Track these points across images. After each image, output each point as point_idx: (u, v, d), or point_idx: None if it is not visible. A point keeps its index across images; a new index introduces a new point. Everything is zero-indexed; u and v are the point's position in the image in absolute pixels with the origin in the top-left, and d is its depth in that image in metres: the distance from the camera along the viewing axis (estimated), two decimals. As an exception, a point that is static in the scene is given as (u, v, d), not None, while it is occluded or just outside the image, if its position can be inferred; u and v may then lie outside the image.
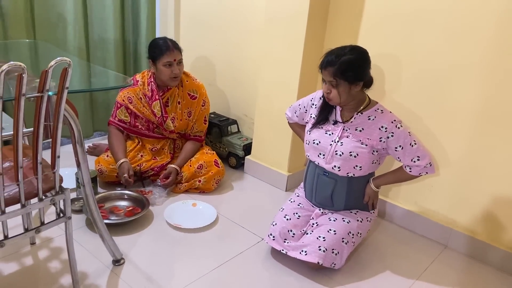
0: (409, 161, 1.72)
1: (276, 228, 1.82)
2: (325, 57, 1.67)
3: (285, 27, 2.19)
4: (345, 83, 1.64)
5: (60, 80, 1.22)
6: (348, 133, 1.76)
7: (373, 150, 1.74)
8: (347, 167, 1.76)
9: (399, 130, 1.70)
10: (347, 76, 1.63)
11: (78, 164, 1.51)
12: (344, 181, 1.81)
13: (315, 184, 1.88)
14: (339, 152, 1.76)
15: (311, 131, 1.86)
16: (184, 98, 2.34)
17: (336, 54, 1.64)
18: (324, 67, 1.66)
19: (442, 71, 1.90)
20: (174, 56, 2.17)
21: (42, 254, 1.75)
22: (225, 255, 1.84)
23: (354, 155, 1.74)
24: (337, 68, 1.62)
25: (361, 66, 1.66)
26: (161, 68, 2.19)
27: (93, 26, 2.76)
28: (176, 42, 2.25)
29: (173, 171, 2.25)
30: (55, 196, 1.39)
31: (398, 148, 1.72)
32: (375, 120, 1.73)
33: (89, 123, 2.90)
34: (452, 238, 2.02)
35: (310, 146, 1.86)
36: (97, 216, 1.60)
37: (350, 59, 1.63)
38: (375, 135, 1.72)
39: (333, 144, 1.77)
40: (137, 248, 1.84)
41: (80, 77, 1.53)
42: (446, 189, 2.02)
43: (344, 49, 1.65)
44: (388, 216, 2.23)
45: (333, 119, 1.81)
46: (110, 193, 2.14)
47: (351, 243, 1.76)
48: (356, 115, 1.76)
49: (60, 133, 1.31)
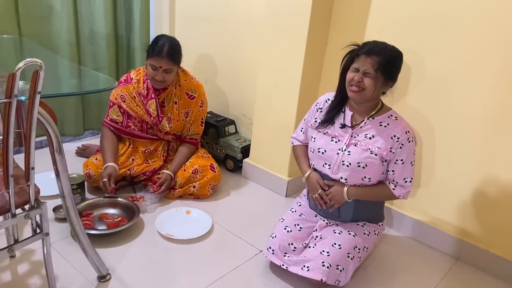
0: (401, 179, 1.62)
1: (276, 240, 1.68)
2: (367, 45, 1.52)
3: (287, 22, 2.04)
4: (381, 78, 1.51)
5: (31, 83, 1.08)
6: (356, 141, 1.62)
7: (383, 160, 1.60)
8: (355, 178, 1.62)
9: (409, 144, 1.58)
10: (387, 72, 1.50)
11: (57, 174, 1.37)
12: None
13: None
14: (346, 162, 1.61)
15: (315, 137, 1.71)
16: (181, 98, 2.19)
17: (380, 46, 1.51)
18: (367, 53, 1.50)
19: (454, 75, 1.76)
20: (161, 63, 2.01)
21: (22, 269, 1.61)
22: (220, 270, 1.70)
23: (362, 166, 1.60)
24: (382, 60, 1.48)
25: (399, 67, 1.55)
26: (148, 65, 2.07)
27: (83, 20, 2.60)
28: (176, 50, 2.06)
29: (167, 179, 2.11)
30: (30, 211, 1.25)
31: (399, 161, 1.59)
32: (388, 127, 1.59)
33: (80, 121, 2.76)
34: (464, 250, 1.89)
35: (314, 154, 1.71)
36: (79, 230, 1.46)
37: (393, 55, 1.52)
38: (387, 144, 1.58)
39: (340, 153, 1.63)
40: (125, 261, 1.70)
41: (60, 79, 1.38)
42: (458, 198, 1.88)
43: (386, 44, 1.54)
44: (395, 225, 2.09)
45: (341, 122, 1.67)
46: (99, 200, 2.00)
47: (357, 258, 1.62)
48: (366, 120, 1.61)
49: (33, 142, 1.17)
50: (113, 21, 2.70)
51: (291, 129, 2.18)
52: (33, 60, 1.01)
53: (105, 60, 2.75)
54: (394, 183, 1.63)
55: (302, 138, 1.85)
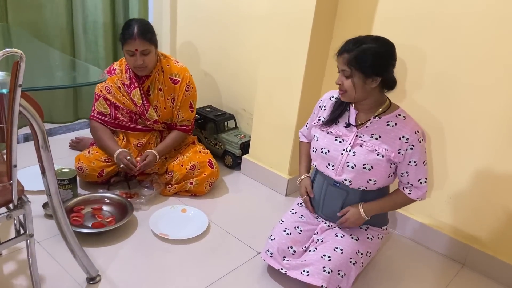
0: (416, 181, 1.53)
1: (274, 243, 1.60)
2: (344, 44, 1.46)
3: (291, 15, 1.94)
4: (359, 74, 1.42)
5: (11, 76, 0.99)
6: (362, 141, 1.53)
7: (390, 162, 1.51)
8: (360, 180, 1.54)
9: (420, 144, 1.48)
10: (363, 66, 1.40)
11: (43, 172, 1.28)
12: (356, 193, 1.59)
13: (323, 195, 1.66)
14: (351, 164, 1.53)
15: (318, 136, 1.63)
16: (165, 84, 2.09)
17: (356, 40, 1.43)
18: (339, 53, 1.46)
19: (464, 72, 1.67)
20: (135, 46, 1.91)
21: (8, 268, 1.54)
22: (216, 272, 1.63)
23: (368, 168, 1.51)
24: (353, 56, 1.41)
25: (381, 58, 1.42)
26: (125, 54, 1.98)
27: (77, 8, 2.50)
28: (147, 28, 1.95)
29: (149, 156, 2.02)
30: (12, 211, 1.17)
31: (412, 163, 1.50)
32: (396, 128, 1.50)
33: (70, 108, 2.68)
34: (470, 256, 1.81)
35: (317, 154, 1.63)
36: (67, 230, 1.38)
37: (370, 48, 1.40)
38: (394, 145, 1.49)
39: (345, 153, 1.55)
40: (116, 262, 1.63)
41: (47, 70, 1.30)
42: (465, 202, 1.80)
43: (367, 37, 1.44)
44: (399, 228, 2.01)
45: (345, 121, 1.58)
46: (90, 196, 1.93)
47: (360, 263, 1.55)
48: (373, 119, 1.53)
49: (15, 138, 1.09)
50: (111, 9, 2.61)
51: (293, 127, 2.09)
52: (12, 50, 0.93)
53: (102, 50, 2.66)
54: (409, 186, 1.56)
55: (306, 133, 1.78)
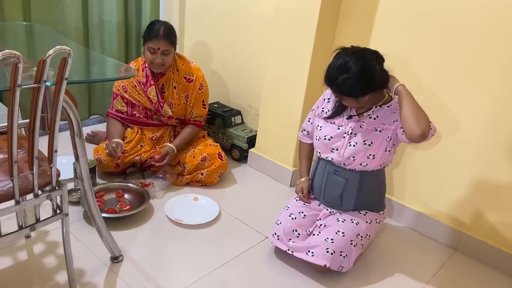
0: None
1: (281, 227, 1.75)
2: (326, 74, 1.60)
3: (296, 14, 2.09)
4: (349, 98, 1.60)
5: (59, 70, 1.13)
6: (362, 122, 1.70)
7: (387, 136, 1.67)
8: (361, 155, 1.69)
9: None
10: (350, 95, 1.59)
11: (76, 158, 1.42)
12: (355, 181, 1.74)
13: (324, 183, 1.80)
14: (353, 142, 1.70)
15: (322, 126, 1.78)
16: (180, 82, 2.25)
17: (335, 71, 1.55)
18: (327, 85, 1.62)
19: (457, 69, 1.81)
20: (159, 45, 2.08)
21: (37, 249, 1.67)
22: (227, 254, 1.77)
23: (368, 144, 1.68)
24: (336, 90, 1.59)
25: (364, 81, 1.54)
26: (145, 51, 2.13)
27: (93, 7, 2.64)
28: (172, 31, 2.14)
29: (170, 152, 2.18)
30: (51, 192, 1.31)
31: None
32: (392, 107, 1.68)
33: (85, 106, 2.80)
34: (462, 241, 1.96)
35: (320, 142, 1.77)
36: (95, 212, 1.52)
37: (349, 78, 1.52)
38: (390, 118, 1.67)
39: (346, 136, 1.71)
40: (136, 244, 1.77)
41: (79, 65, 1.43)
42: (458, 191, 1.95)
43: (344, 64, 1.53)
44: (395, 216, 2.16)
45: (347, 114, 1.73)
46: (110, 185, 2.07)
47: (360, 245, 1.69)
48: (374, 109, 1.69)
49: (58, 126, 1.23)
50: (124, 9, 2.73)
51: (297, 122, 2.23)
52: (62, 47, 1.07)
53: (114, 49, 2.78)
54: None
55: (310, 129, 1.90)
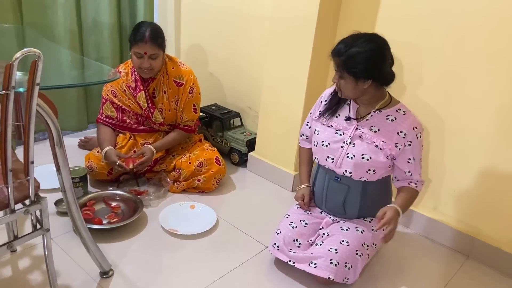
0: (418, 175, 1.60)
1: (280, 236, 1.64)
2: (337, 44, 1.49)
3: (294, 10, 1.98)
4: (350, 77, 1.47)
5: (29, 75, 1.03)
6: (361, 132, 1.57)
7: (386, 155, 1.55)
8: (360, 171, 1.57)
9: (417, 140, 1.53)
10: (352, 71, 1.45)
11: (57, 168, 1.33)
12: (358, 187, 1.62)
13: (325, 190, 1.69)
14: (350, 155, 1.57)
15: (319, 130, 1.67)
16: (170, 87, 2.12)
17: (346, 43, 1.46)
18: (332, 55, 1.50)
19: (468, 68, 1.70)
20: (145, 49, 1.95)
21: (23, 264, 1.58)
22: (225, 266, 1.67)
23: (366, 158, 1.55)
24: (343, 61, 1.46)
25: (372, 62, 1.45)
26: (132, 55, 2.01)
27: (86, 9, 2.55)
28: (158, 33, 1.99)
29: (147, 152, 2.03)
30: (29, 207, 1.21)
31: (412, 160, 1.56)
32: (395, 122, 1.54)
33: (83, 114, 2.70)
34: (475, 248, 1.84)
35: (318, 148, 1.66)
36: (80, 225, 1.43)
37: (358, 53, 1.43)
38: (392, 139, 1.54)
39: (345, 146, 1.58)
40: (128, 257, 1.67)
41: (61, 69, 1.34)
42: (469, 194, 1.83)
43: (357, 39, 1.46)
44: (404, 222, 2.04)
45: (346, 115, 1.62)
46: (101, 193, 1.97)
47: (366, 255, 1.58)
48: (373, 113, 1.56)
49: (32, 135, 1.13)
50: (117, 10, 2.65)
51: (298, 123, 2.12)
52: (31, 50, 0.97)
53: (108, 50, 2.70)
54: (414, 181, 1.61)
55: (309, 133, 1.80)
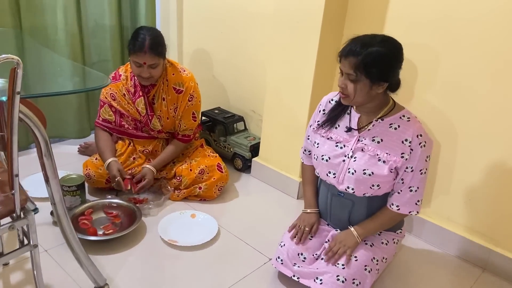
0: (407, 188, 1.44)
1: (284, 250, 1.55)
2: (349, 44, 1.35)
3: (299, 12, 1.89)
4: (366, 80, 1.33)
5: (9, 83, 0.96)
6: (363, 144, 1.45)
7: (391, 169, 1.42)
8: (363, 187, 1.46)
9: (421, 149, 1.40)
10: (371, 73, 1.31)
11: (46, 180, 1.25)
12: (363, 202, 1.52)
13: (329, 205, 1.60)
14: (351, 170, 1.45)
15: (319, 143, 1.54)
16: (169, 93, 2.04)
17: (362, 42, 1.33)
18: (345, 55, 1.34)
19: (480, 71, 1.59)
20: (144, 59, 1.86)
21: (15, 278, 1.51)
22: (226, 280, 1.58)
23: (368, 174, 1.43)
24: (361, 60, 1.30)
25: (390, 64, 1.34)
26: (131, 62, 1.92)
27: (87, 11, 2.49)
28: (159, 42, 1.90)
29: (148, 173, 1.97)
30: (14, 222, 1.14)
31: (409, 169, 1.42)
32: (399, 130, 1.41)
33: (85, 121, 2.63)
34: (492, 260, 1.73)
35: (318, 162, 1.54)
36: (72, 239, 1.35)
37: (378, 52, 1.31)
38: (397, 150, 1.41)
39: (346, 160, 1.46)
40: (124, 270, 1.59)
41: (49, 76, 1.26)
42: (485, 203, 1.72)
43: (374, 38, 1.34)
44: (415, 232, 1.94)
45: (346, 125, 1.50)
46: (99, 202, 1.90)
47: (375, 270, 1.48)
48: (375, 122, 1.44)
49: (16, 147, 1.06)
50: (118, 12, 2.58)
51: (303, 127, 2.03)
52: (8, 56, 0.89)
53: (109, 53, 2.63)
54: (391, 205, 1.48)
55: (311, 148, 1.64)
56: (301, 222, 1.62)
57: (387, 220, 1.52)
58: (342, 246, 1.48)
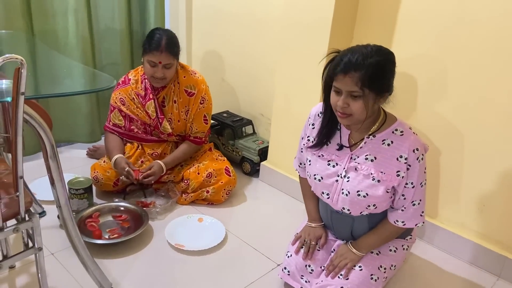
0: (409, 203, 1.37)
1: (292, 261, 1.51)
2: (344, 58, 1.23)
3: (308, 14, 1.87)
4: (371, 94, 1.23)
5: (13, 84, 0.95)
6: (356, 163, 1.37)
7: (387, 189, 1.34)
8: (358, 207, 1.40)
9: (419, 164, 1.32)
10: (376, 86, 1.22)
11: (52, 182, 1.24)
12: (363, 219, 1.46)
13: (330, 220, 1.55)
14: (345, 191, 1.39)
15: (311, 160, 1.48)
16: (180, 96, 2.03)
17: (360, 53, 1.21)
18: (345, 71, 1.21)
19: (488, 77, 1.55)
20: (160, 58, 1.86)
21: (21, 281, 1.50)
22: (233, 285, 1.56)
23: (363, 195, 1.36)
24: (365, 74, 1.19)
25: (391, 73, 1.28)
26: (145, 62, 1.92)
27: (97, 16, 2.50)
28: (175, 42, 1.91)
29: (155, 167, 1.95)
30: (19, 224, 1.13)
31: (409, 185, 1.34)
32: (393, 146, 1.33)
33: (96, 126, 2.63)
34: (507, 267, 1.68)
35: (311, 180, 1.49)
36: (78, 243, 1.34)
37: (379, 62, 1.21)
38: (392, 167, 1.33)
39: (339, 180, 1.40)
40: (131, 274, 1.58)
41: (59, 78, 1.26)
42: (500, 209, 1.67)
43: (366, 48, 1.23)
44: (427, 238, 1.89)
45: (337, 142, 1.43)
46: (105, 206, 1.89)
47: (383, 278, 1.44)
48: (366, 139, 1.36)
49: (20, 148, 1.05)
50: (128, 16, 2.59)
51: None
52: (12, 56, 0.89)
53: (119, 57, 2.64)
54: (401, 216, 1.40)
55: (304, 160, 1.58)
56: (307, 235, 1.55)
57: (390, 234, 1.46)
58: (344, 259, 1.44)
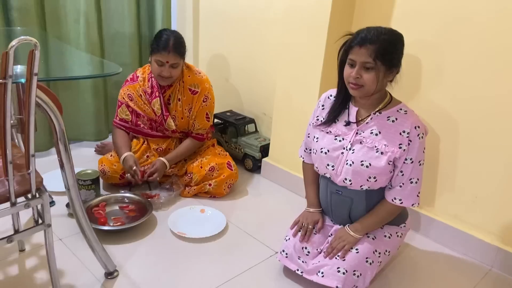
0: (407, 180, 1.46)
1: (290, 243, 1.58)
2: (360, 34, 1.38)
3: (306, 14, 1.95)
4: (382, 67, 1.36)
5: (27, 65, 1.04)
6: (362, 137, 1.48)
7: (389, 160, 1.44)
8: (360, 179, 1.48)
9: (419, 141, 1.43)
10: (387, 59, 1.36)
11: (61, 165, 1.32)
12: (361, 198, 1.54)
13: (329, 203, 1.62)
14: (349, 161, 1.48)
15: (318, 137, 1.58)
16: (184, 94, 2.12)
17: (376, 30, 1.37)
18: (360, 43, 1.36)
19: (485, 65, 1.61)
20: (167, 58, 1.95)
21: (30, 263, 1.58)
22: (232, 270, 1.62)
23: (366, 165, 1.45)
24: (379, 47, 1.34)
25: (401, 50, 1.42)
26: (153, 62, 2.01)
27: (107, 19, 2.61)
28: (181, 43, 2.02)
29: (158, 165, 2.03)
30: (30, 201, 1.21)
31: (408, 161, 1.44)
32: (397, 122, 1.45)
33: (103, 124, 2.73)
34: (499, 259, 1.72)
35: (317, 156, 1.57)
36: (85, 223, 1.42)
37: (392, 39, 1.38)
38: (395, 141, 1.44)
39: (345, 152, 1.50)
40: (134, 258, 1.65)
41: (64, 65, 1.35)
42: (493, 201, 1.72)
43: (381, 28, 1.39)
44: (422, 230, 1.94)
45: (345, 119, 1.54)
46: (112, 196, 1.97)
47: (377, 263, 1.49)
48: (373, 115, 1.48)
49: (33, 128, 1.13)
50: (136, 20, 2.69)
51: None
52: (27, 38, 0.97)
53: (129, 59, 2.74)
54: (399, 193, 1.48)
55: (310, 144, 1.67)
56: (304, 220, 1.63)
57: (387, 214, 1.53)
58: (342, 241, 1.51)
